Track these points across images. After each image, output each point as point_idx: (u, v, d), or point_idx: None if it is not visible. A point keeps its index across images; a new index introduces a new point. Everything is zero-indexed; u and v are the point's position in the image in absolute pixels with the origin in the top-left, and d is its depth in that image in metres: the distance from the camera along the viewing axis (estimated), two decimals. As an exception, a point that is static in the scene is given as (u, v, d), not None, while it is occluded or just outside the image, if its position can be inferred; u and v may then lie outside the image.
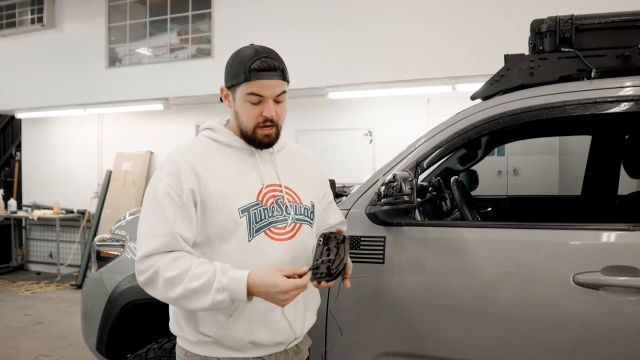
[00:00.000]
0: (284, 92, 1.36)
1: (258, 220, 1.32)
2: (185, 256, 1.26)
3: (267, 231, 1.33)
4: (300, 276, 1.22)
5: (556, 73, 1.81)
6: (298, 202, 1.41)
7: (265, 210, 1.34)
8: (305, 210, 1.43)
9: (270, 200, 1.36)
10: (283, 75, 1.34)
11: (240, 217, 1.30)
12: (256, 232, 1.32)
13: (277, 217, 1.35)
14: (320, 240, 1.35)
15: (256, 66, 1.29)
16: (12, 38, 6.65)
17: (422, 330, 1.71)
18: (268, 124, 1.34)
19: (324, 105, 5.33)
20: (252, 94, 1.31)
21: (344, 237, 1.34)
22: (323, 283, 1.27)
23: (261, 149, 1.39)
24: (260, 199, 1.34)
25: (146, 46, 5.95)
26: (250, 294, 1.21)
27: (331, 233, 1.36)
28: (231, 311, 1.29)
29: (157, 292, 1.26)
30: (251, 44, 1.36)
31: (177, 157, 1.33)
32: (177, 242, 1.26)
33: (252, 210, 1.32)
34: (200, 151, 1.36)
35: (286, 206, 1.38)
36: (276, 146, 1.43)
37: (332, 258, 1.29)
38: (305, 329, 1.44)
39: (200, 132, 1.45)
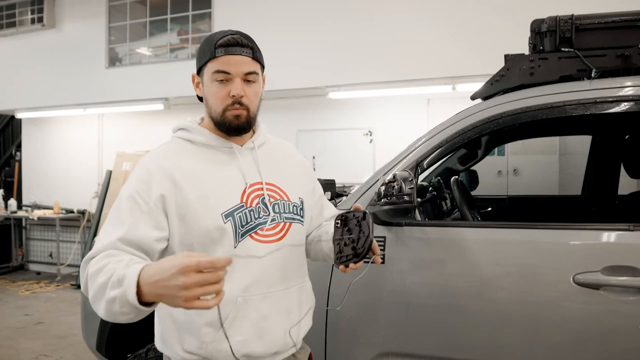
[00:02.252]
0: (255, 73, 1.23)
1: (244, 223, 1.21)
2: (122, 253, 1.07)
3: (254, 234, 1.22)
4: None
5: (556, 73, 1.80)
6: (285, 199, 1.31)
7: (251, 212, 1.23)
8: (294, 207, 1.32)
9: (256, 201, 1.25)
10: (253, 54, 1.22)
11: (225, 223, 1.19)
12: (242, 236, 1.21)
13: (264, 218, 1.25)
14: (337, 223, 1.25)
15: (222, 42, 1.20)
16: (12, 38, 6.65)
17: (422, 330, 1.71)
18: (236, 105, 1.21)
19: (324, 105, 5.33)
20: (218, 71, 1.20)
21: (364, 212, 1.23)
22: (351, 266, 1.18)
23: (233, 135, 1.27)
24: (244, 200, 1.23)
25: (146, 46, 5.95)
26: (142, 294, 0.94)
27: (349, 212, 1.25)
28: (219, 323, 1.19)
29: (89, 298, 1.06)
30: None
31: (148, 162, 1.22)
32: (125, 246, 1.10)
33: (237, 214, 1.21)
34: (174, 155, 1.24)
35: (273, 205, 1.28)
36: (256, 141, 1.33)
37: (355, 237, 1.20)
38: (302, 335, 1.34)
39: (173, 134, 1.33)
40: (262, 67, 1.28)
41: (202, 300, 0.90)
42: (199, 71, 1.27)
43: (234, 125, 1.24)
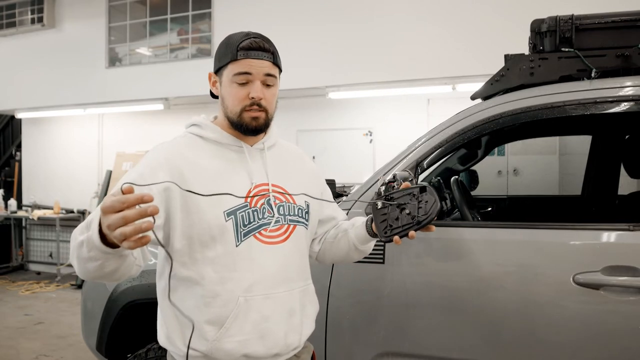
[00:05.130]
0: (274, 76, 1.26)
1: (246, 223, 1.22)
2: None
3: (257, 234, 1.23)
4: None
5: (556, 73, 1.80)
6: (291, 202, 1.32)
7: (255, 212, 1.24)
8: (299, 210, 1.33)
9: (261, 201, 1.25)
10: (274, 59, 1.25)
11: (226, 221, 1.20)
12: (245, 235, 1.21)
13: (268, 219, 1.25)
14: (377, 204, 1.30)
15: (245, 45, 1.22)
16: (12, 38, 6.65)
17: (422, 330, 1.71)
18: (255, 107, 1.24)
19: (324, 105, 5.33)
20: (239, 73, 1.22)
21: (424, 186, 1.26)
22: (411, 234, 1.22)
23: (249, 135, 1.29)
24: (248, 200, 1.24)
25: (146, 46, 5.95)
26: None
27: (392, 192, 1.30)
28: (221, 322, 1.20)
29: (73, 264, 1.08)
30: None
31: (159, 152, 1.23)
32: None
33: (240, 213, 1.22)
34: (185, 149, 1.25)
35: (279, 207, 1.28)
36: (267, 142, 1.34)
37: (413, 209, 1.23)
38: (304, 337, 1.34)
39: (186, 129, 1.34)
40: (280, 70, 1.30)
41: (127, 241, 0.86)
42: (217, 70, 1.29)
43: (252, 127, 1.26)
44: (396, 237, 1.25)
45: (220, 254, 1.20)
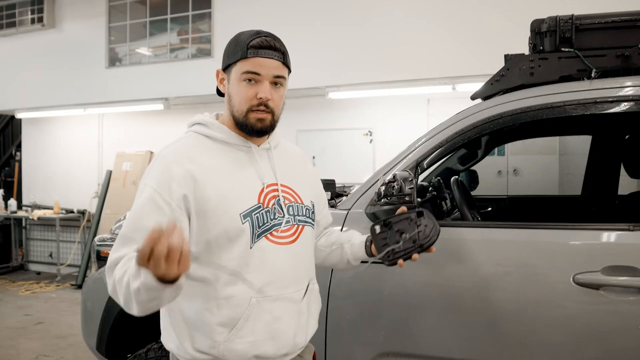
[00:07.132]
0: (283, 77, 1.25)
1: (261, 224, 1.21)
2: None
3: (269, 235, 1.23)
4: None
5: (556, 73, 1.80)
6: (299, 202, 1.32)
7: (268, 213, 1.23)
8: (307, 210, 1.34)
9: (272, 202, 1.25)
10: (284, 59, 1.24)
11: (243, 223, 1.19)
12: (257, 237, 1.21)
13: (279, 220, 1.25)
14: (376, 229, 1.33)
15: (255, 43, 1.20)
16: (12, 38, 6.64)
17: (422, 330, 1.71)
18: (262, 107, 1.22)
19: (324, 105, 5.33)
20: (247, 72, 1.20)
21: (421, 210, 1.32)
22: (414, 257, 1.27)
23: (254, 137, 1.27)
24: (261, 200, 1.23)
25: (146, 46, 5.95)
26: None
27: (390, 217, 1.33)
28: (233, 323, 1.19)
29: (120, 303, 1.12)
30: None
31: (168, 158, 1.20)
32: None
33: (255, 214, 1.21)
34: (193, 151, 1.23)
35: (288, 207, 1.28)
36: (272, 142, 1.34)
37: (414, 233, 1.28)
38: (309, 336, 1.35)
39: (190, 128, 1.31)
40: (289, 71, 1.30)
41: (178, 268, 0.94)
42: (226, 68, 1.27)
43: (257, 128, 1.24)
44: (400, 261, 1.28)
45: (235, 255, 1.20)
